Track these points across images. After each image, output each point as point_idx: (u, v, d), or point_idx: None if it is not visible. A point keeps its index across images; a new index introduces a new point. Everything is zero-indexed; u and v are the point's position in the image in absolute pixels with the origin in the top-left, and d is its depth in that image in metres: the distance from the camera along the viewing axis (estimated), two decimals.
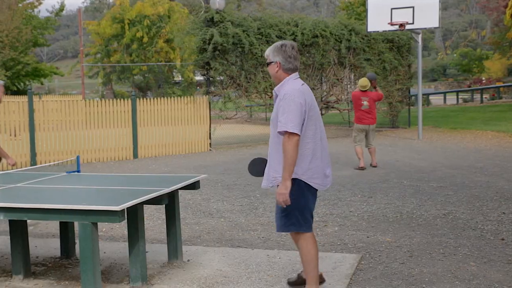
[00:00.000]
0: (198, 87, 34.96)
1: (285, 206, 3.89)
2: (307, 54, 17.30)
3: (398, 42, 19.71)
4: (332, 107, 19.49)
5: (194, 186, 5.10)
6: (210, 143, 15.51)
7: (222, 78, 15.73)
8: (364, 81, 11.06)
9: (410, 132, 18.92)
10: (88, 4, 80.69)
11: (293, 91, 3.90)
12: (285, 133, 3.79)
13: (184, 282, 4.56)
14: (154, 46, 35.06)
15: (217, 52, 15.13)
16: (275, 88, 4.08)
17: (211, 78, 15.61)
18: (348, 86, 18.71)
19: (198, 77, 32.99)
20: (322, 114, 18.65)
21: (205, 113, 15.47)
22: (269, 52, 4.08)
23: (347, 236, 6.02)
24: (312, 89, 17.55)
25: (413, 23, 16.12)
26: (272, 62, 4.04)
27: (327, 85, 18.42)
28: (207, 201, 8.06)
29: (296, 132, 3.78)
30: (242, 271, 4.80)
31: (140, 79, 39.05)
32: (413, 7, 16.07)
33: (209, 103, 15.59)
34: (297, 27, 16.86)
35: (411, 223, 6.50)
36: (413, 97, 23.36)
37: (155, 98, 14.97)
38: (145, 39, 34.72)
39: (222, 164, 12.18)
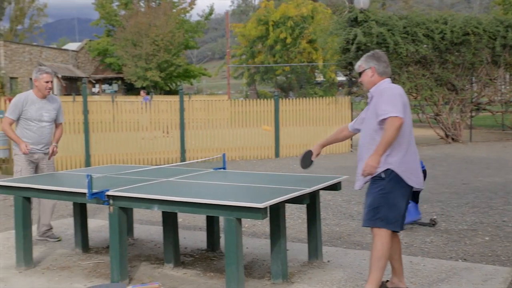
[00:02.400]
0: (340, 88, 34.72)
1: (365, 176, 3.97)
2: (456, 53, 16.41)
3: None
4: (484, 109, 18.29)
5: (335, 187, 5.07)
6: (351, 144, 15.34)
7: None
8: None
9: None
10: (235, 7, 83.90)
11: (390, 86, 4.04)
12: (389, 118, 3.82)
13: (324, 283, 4.54)
14: (297, 47, 35.50)
15: (360, 52, 14.89)
16: (371, 90, 4.12)
17: (353, 79, 15.43)
18: (503, 86, 17.41)
19: (340, 78, 32.81)
20: (472, 116, 17.61)
21: (347, 114, 15.33)
22: (362, 62, 4.18)
23: (500, 247, 5.60)
24: (462, 89, 16.61)
25: None
26: (366, 69, 4.12)
27: (478, 85, 17.32)
28: (347, 203, 7.98)
29: (399, 116, 3.81)
30: (383, 276, 4.67)
31: (282, 79, 39.75)
32: None
33: (351, 103, 15.42)
34: (446, 24, 16.04)
35: None
36: None
37: (297, 98, 15.15)
38: (289, 40, 35.26)
39: None
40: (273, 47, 36.57)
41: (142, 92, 21.59)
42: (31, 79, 34.77)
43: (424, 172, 6.80)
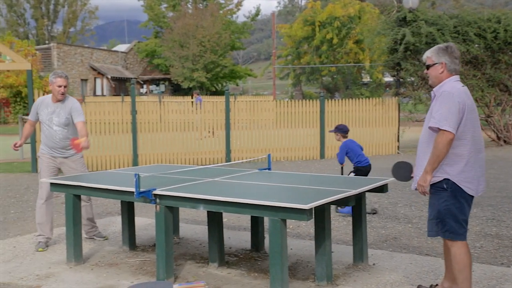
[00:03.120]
0: (387, 88, 34.23)
1: (424, 195, 3.89)
2: (509, 53, 15.89)
3: None
4: None
5: (381, 189, 4.99)
6: (398, 146, 15.09)
7: (413, 79, 15.21)
8: None
9: None
10: (282, 8, 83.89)
11: (452, 89, 3.82)
12: (438, 130, 3.71)
13: (369, 286, 4.48)
14: (343, 47, 35.21)
15: (408, 52, 14.66)
16: (434, 89, 3.98)
17: (401, 79, 15.17)
18: None
19: (387, 78, 32.33)
20: None
21: (394, 115, 15.09)
22: (432, 54, 3.99)
23: None
24: None
25: None
26: (437, 63, 3.95)
27: None
28: (394, 205, 7.85)
29: (449, 130, 3.68)
30: (431, 280, 4.57)
31: (328, 80, 39.50)
32: None
33: (399, 104, 15.17)
34: (500, 23, 15.54)
35: None
36: None
37: (343, 99, 15.01)
38: (335, 41, 35.02)
39: None
40: (319, 48, 36.38)
41: (195, 93, 21.83)
42: (82, 79, 35.66)
43: (370, 167, 7.27)
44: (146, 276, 4.83)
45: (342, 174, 7.36)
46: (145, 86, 44.31)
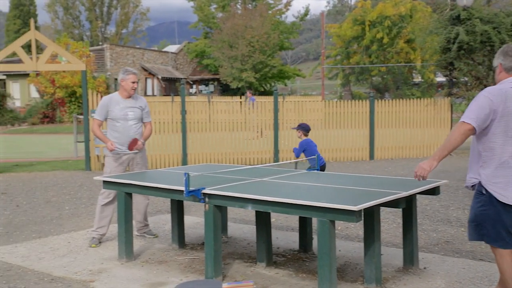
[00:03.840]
0: (439, 89, 33.45)
1: (419, 180, 3.87)
2: None
3: None
4: None
5: (433, 191, 4.88)
6: None
7: (466, 79, 14.79)
8: None
9: None
10: (331, 8, 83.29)
11: (490, 88, 3.64)
12: (458, 122, 3.60)
13: None
14: (394, 46, 34.62)
15: (462, 52, 14.26)
16: None
17: (454, 79, 14.79)
18: None
19: (439, 78, 31.60)
20: None
21: (446, 116, 14.74)
22: (494, 59, 3.86)
23: None
24: None
25: None
26: (496, 66, 3.80)
27: None
28: (446, 208, 7.66)
29: (467, 122, 3.51)
30: (485, 287, 4.44)
31: (378, 80, 38.93)
32: None
33: (451, 105, 14.80)
34: None
35: None
36: None
37: (394, 100, 14.77)
38: (385, 40, 34.47)
39: (464, 170, 11.45)
40: (369, 47, 35.89)
41: (248, 93, 21.92)
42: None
43: (324, 166, 7.53)
44: (195, 274, 4.89)
45: (296, 168, 7.63)
46: (194, 86, 44.86)
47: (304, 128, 7.82)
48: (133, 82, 6.06)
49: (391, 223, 6.87)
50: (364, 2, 36.58)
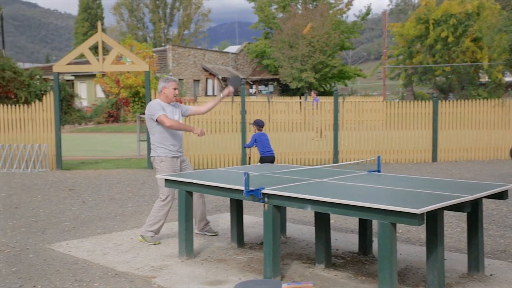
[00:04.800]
0: (508, 89, 32.19)
1: None
2: None
3: None
4: None
5: (501, 195, 4.69)
6: None
7: None
8: None
9: None
10: (393, 7, 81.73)
11: None
12: None
13: None
14: (459, 46, 33.61)
15: None
16: None
17: None
18: None
19: (508, 78, 30.42)
20: None
21: None
22: None
23: None
24: None
25: None
26: None
27: None
28: None
29: None
30: None
31: (442, 80, 37.89)
32: None
33: None
34: None
35: None
36: None
37: (458, 100, 14.32)
38: (450, 39, 33.51)
39: None
40: (433, 47, 34.98)
41: (313, 93, 21.85)
42: (195, 80, 36.91)
43: (273, 158, 8.68)
44: (253, 273, 4.91)
45: (249, 164, 8.86)
46: (254, 86, 45.12)
47: (257, 124, 8.97)
48: (175, 89, 6.21)
49: (455, 227, 6.67)
50: (428, 0, 35.67)
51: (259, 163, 8.42)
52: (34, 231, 6.71)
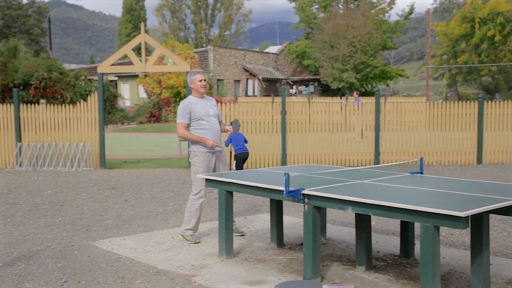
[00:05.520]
0: None
1: None
2: None
3: None
4: None
5: None
6: None
7: None
8: None
9: None
10: (437, 5, 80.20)
11: None
12: None
13: None
14: (507, 45, 32.71)
15: None
16: None
17: None
18: None
19: None
20: None
21: None
22: None
23: None
24: None
25: None
26: None
27: None
28: None
29: None
30: None
31: (488, 80, 36.97)
32: None
33: None
34: None
35: None
36: None
37: (505, 101, 13.93)
38: (497, 38, 32.68)
39: None
40: (479, 46, 34.18)
41: (355, 93, 21.70)
42: (235, 80, 37.28)
43: (246, 154, 10.41)
44: (293, 274, 4.89)
45: (229, 161, 10.53)
46: (294, 86, 45.03)
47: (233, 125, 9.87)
48: (200, 81, 6.14)
49: (501, 231, 6.49)
50: None
51: (234, 162, 10.28)
52: (79, 228, 6.87)
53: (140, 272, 5.01)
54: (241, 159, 10.56)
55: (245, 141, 10.63)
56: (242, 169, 10.39)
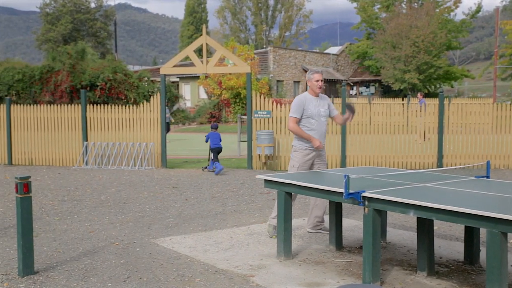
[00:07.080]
0: None
1: None
2: None
3: None
4: None
5: None
6: None
7: None
8: None
9: None
10: (507, 3, 77.16)
11: None
12: None
13: None
14: None
15: None
16: None
17: None
18: None
19: None
20: None
21: None
22: None
23: None
24: None
25: None
26: None
27: None
28: None
29: None
30: None
31: None
32: None
33: None
34: None
35: None
36: None
37: None
38: None
39: None
40: None
41: (419, 95, 21.23)
42: (295, 81, 37.18)
43: (219, 149, 12.52)
44: (352, 277, 4.83)
45: (208, 156, 12.89)
46: (355, 88, 44.47)
47: (213, 126, 13.03)
48: (317, 81, 6.26)
49: None
50: None
51: (211, 154, 12.50)
52: (141, 225, 7.04)
53: (199, 270, 5.08)
54: (216, 152, 12.47)
55: (220, 139, 12.57)
56: (217, 160, 12.45)
